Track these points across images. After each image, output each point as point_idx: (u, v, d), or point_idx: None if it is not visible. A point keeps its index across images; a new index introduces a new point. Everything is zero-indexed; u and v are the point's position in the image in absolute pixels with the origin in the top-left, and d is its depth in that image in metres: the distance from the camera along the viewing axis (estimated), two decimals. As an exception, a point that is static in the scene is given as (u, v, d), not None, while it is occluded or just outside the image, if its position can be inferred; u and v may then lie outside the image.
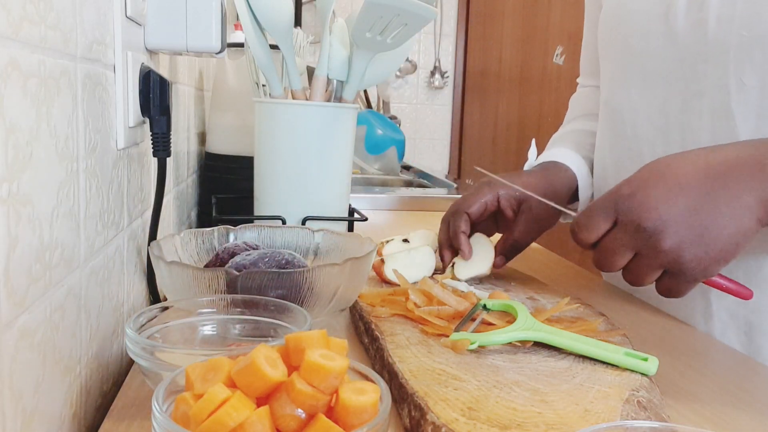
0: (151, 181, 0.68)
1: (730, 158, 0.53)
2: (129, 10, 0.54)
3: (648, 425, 0.36)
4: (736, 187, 0.52)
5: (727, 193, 0.52)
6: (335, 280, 0.54)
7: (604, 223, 0.56)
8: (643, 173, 0.55)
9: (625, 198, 0.54)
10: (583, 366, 0.51)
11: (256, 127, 0.81)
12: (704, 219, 0.52)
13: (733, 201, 0.52)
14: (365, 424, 0.31)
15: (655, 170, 0.55)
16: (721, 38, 0.62)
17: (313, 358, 0.32)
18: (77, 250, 0.44)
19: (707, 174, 0.53)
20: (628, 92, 0.74)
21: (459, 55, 3.04)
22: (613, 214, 0.55)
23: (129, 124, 0.56)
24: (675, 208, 0.53)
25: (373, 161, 1.89)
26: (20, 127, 0.34)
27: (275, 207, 0.80)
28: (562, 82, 2.13)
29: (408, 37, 0.74)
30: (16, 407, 0.34)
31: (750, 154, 0.53)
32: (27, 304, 0.35)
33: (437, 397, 0.44)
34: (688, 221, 0.52)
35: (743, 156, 0.53)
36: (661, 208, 0.53)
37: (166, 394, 0.34)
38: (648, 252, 0.54)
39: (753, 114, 0.61)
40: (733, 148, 0.55)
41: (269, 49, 0.77)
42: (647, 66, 0.71)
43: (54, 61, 0.39)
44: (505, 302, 0.59)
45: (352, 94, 0.80)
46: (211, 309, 0.51)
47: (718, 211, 0.52)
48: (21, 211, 0.34)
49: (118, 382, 0.55)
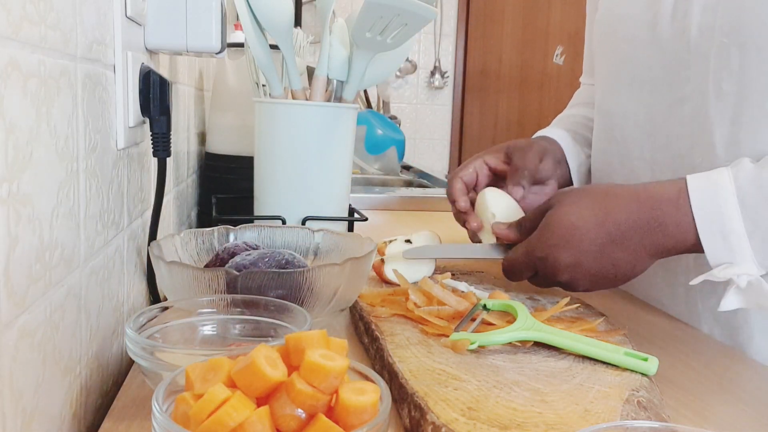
0: (151, 181, 0.68)
1: (629, 220, 0.60)
2: (129, 10, 0.54)
3: (648, 425, 0.36)
4: (633, 248, 0.60)
5: (624, 254, 0.61)
6: (335, 280, 0.54)
7: (528, 273, 0.66)
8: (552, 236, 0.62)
9: (541, 260, 0.63)
10: (583, 366, 0.51)
11: (256, 127, 0.81)
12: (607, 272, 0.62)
13: (629, 257, 0.61)
14: (365, 424, 0.31)
15: (562, 234, 0.62)
16: (702, 45, 0.63)
17: (313, 358, 0.32)
18: (77, 250, 0.44)
19: (608, 238, 0.61)
20: (618, 96, 0.75)
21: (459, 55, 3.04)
22: (533, 268, 0.65)
23: (129, 124, 0.56)
24: (581, 270, 0.62)
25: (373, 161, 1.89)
26: (20, 127, 0.34)
27: (275, 207, 0.80)
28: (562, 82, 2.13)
29: (408, 37, 0.74)
30: (16, 407, 0.34)
31: (647, 218, 0.59)
32: (27, 304, 0.35)
33: (437, 397, 0.44)
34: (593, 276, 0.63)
35: (642, 219, 0.60)
36: (570, 270, 0.62)
37: (166, 394, 0.34)
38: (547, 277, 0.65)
39: (728, 121, 0.62)
40: (635, 206, 0.60)
41: (269, 49, 0.77)
42: (635, 71, 0.72)
43: (54, 61, 0.39)
44: (505, 302, 0.59)
45: (352, 94, 0.80)
46: (211, 309, 0.51)
47: (618, 266, 0.62)
48: (21, 211, 0.34)
49: (118, 382, 0.55)
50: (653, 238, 0.59)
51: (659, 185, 0.61)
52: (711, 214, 0.57)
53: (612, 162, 0.78)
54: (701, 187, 0.58)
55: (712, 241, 0.57)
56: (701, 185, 0.58)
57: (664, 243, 0.59)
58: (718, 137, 0.63)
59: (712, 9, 0.62)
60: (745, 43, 0.59)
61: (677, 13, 0.65)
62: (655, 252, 0.60)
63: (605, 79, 0.79)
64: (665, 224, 0.59)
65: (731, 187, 0.56)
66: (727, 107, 0.62)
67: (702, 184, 0.58)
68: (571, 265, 0.62)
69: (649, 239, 0.60)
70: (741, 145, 0.61)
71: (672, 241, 0.59)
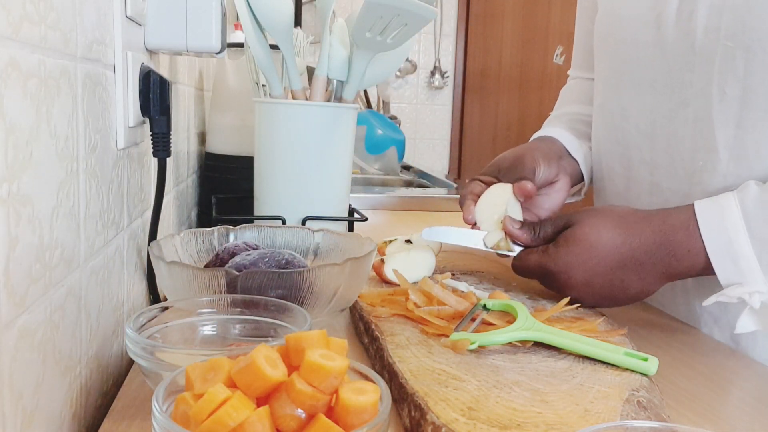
0: (151, 181, 0.68)
1: (644, 246, 0.62)
2: (129, 10, 0.54)
3: (648, 425, 0.36)
4: (645, 272, 0.62)
5: (636, 277, 0.63)
6: (335, 280, 0.54)
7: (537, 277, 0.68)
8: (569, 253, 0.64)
9: (554, 273, 0.65)
10: (583, 366, 0.51)
11: (256, 127, 0.81)
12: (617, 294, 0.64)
13: (641, 280, 0.63)
14: (365, 424, 0.31)
15: (579, 253, 0.63)
16: (707, 48, 0.63)
17: (313, 358, 0.32)
18: (77, 250, 0.44)
19: (622, 262, 0.62)
20: (620, 98, 0.75)
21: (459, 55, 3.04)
22: (541, 278, 0.67)
23: (129, 124, 0.56)
24: (591, 290, 0.64)
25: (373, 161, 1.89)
26: (20, 127, 0.34)
27: (275, 207, 0.80)
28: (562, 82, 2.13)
29: (408, 37, 0.74)
30: (16, 407, 0.34)
31: (660, 243, 0.61)
32: (27, 304, 0.35)
33: (437, 397, 0.44)
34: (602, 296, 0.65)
35: (655, 244, 0.61)
36: (580, 288, 0.64)
37: (166, 394, 0.34)
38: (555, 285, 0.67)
39: (732, 124, 0.62)
40: (649, 231, 0.62)
41: (269, 49, 0.77)
42: (637, 73, 0.71)
43: (54, 61, 0.39)
44: (505, 302, 0.59)
45: (352, 94, 0.80)
46: (211, 309, 0.51)
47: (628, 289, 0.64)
48: (21, 211, 0.34)
49: (118, 382, 0.55)
50: (665, 262, 0.61)
51: (670, 211, 0.63)
52: (720, 238, 0.58)
53: (611, 163, 0.77)
54: (709, 212, 0.59)
55: (723, 265, 0.58)
56: (709, 210, 0.59)
57: (677, 267, 0.61)
58: (721, 141, 0.62)
59: (718, 11, 0.61)
60: (751, 47, 0.59)
61: (682, 15, 0.65)
62: (667, 276, 0.62)
63: (606, 80, 0.78)
64: (677, 250, 0.60)
65: (738, 211, 0.58)
66: (730, 110, 0.62)
67: (709, 208, 0.60)
68: (583, 283, 0.64)
69: (661, 264, 0.61)
70: (744, 149, 0.61)
71: (683, 265, 0.61)
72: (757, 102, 0.60)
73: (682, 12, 0.65)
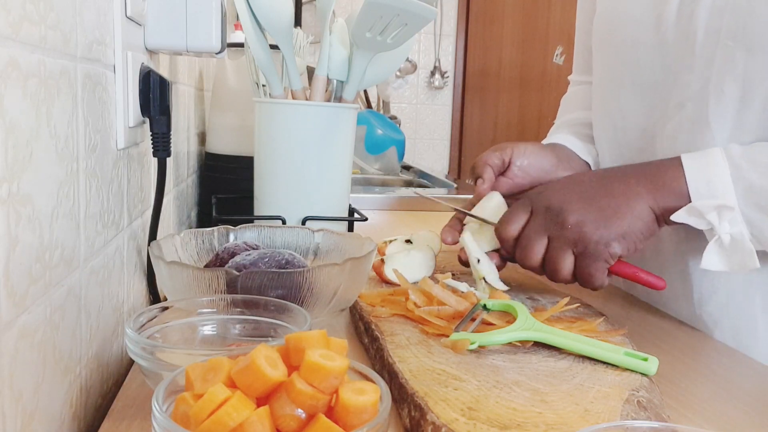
0: (151, 181, 0.68)
1: (625, 168, 0.66)
2: (129, 10, 0.54)
3: (648, 425, 0.36)
4: (628, 182, 0.63)
5: (620, 185, 0.64)
6: (335, 280, 0.54)
7: (523, 214, 0.66)
8: (550, 186, 0.67)
9: (537, 193, 0.67)
10: (583, 366, 0.51)
11: (256, 127, 0.81)
12: (600, 201, 0.63)
13: (625, 189, 0.63)
14: (365, 424, 0.31)
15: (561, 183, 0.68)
16: (707, 49, 0.63)
17: (313, 358, 0.32)
18: (77, 250, 0.44)
19: (603, 175, 0.66)
20: (618, 98, 0.74)
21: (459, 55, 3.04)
22: (529, 205, 0.66)
23: (129, 124, 0.56)
24: (576, 194, 0.64)
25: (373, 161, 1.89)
26: (20, 127, 0.34)
27: (275, 207, 0.80)
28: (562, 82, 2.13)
29: (408, 37, 0.74)
30: (16, 407, 0.34)
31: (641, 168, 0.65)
32: (27, 304, 0.35)
33: (437, 397, 0.44)
34: (588, 202, 0.63)
35: (636, 167, 0.65)
36: (565, 193, 0.65)
37: (166, 394, 0.34)
38: (556, 232, 0.63)
39: (729, 124, 0.62)
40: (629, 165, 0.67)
41: (269, 49, 0.77)
42: (636, 73, 0.71)
43: (54, 61, 0.39)
44: (505, 302, 0.59)
45: (352, 94, 0.80)
46: (211, 309, 0.51)
47: (612, 195, 0.63)
48: (21, 211, 0.34)
49: (118, 382, 0.55)
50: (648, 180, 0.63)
51: None
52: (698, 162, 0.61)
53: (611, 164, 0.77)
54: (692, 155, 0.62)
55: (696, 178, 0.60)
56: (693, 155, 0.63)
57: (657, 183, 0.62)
58: (719, 141, 0.62)
59: (719, 12, 0.61)
60: (752, 47, 0.59)
61: (682, 16, 0.65)
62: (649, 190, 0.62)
63: (604, 81, 0.78)
64: (658, 173, 0.63)
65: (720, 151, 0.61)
66: (727, 110, 0.62)
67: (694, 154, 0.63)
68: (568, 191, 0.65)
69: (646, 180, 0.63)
70: None
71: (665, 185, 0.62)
72: (756, 102, 0.60)
73: (683, 12, 0.65)
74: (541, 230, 0.64)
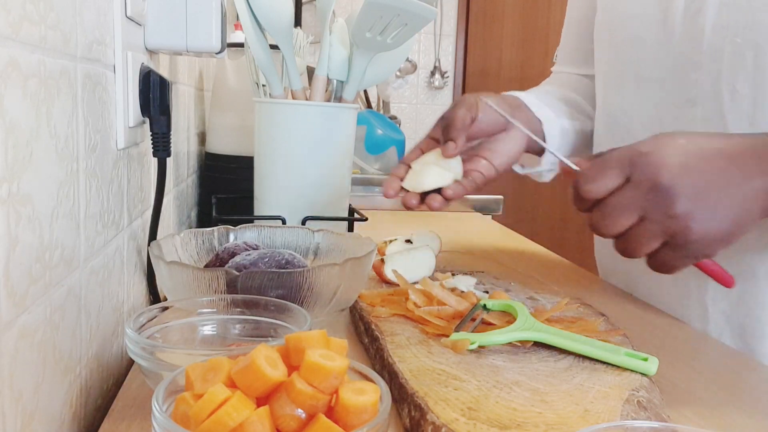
0: (151, 181, 0.68)
1: (745, 143, 0.53)
2: (129, 10, 0.54)
3: (648, 425, 0.36)
4: (749, 170, 0.52)
5: (740, 173, 0.52)
6: (335, 280, 0.54)
7: (617, 178, 0.53)
8: (661, 137, 0.53)
9: (643, 155, 0.52)
10: (583, 366, 0.51)
11: (256, 127, 0.81)
12: (716, 194, 0.51)
13: (743, 184, 0.51)
14: (365, 424, 0.31)
15: (673, 137, 0.53)
16: (715, 46, 0.62)
17: (313, 358, 0.32)
18: (77, 250, 0.44)
19: (723, 153, 0.52)
20: (623, 96, 0.74)
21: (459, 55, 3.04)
22: (628, 169, 0.52)
23: (129, 124, 0.56)
24: (692, 176, 0.51)
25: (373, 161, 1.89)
26: (20, 127, 0.34)
27: (275, 207, 0.80)
28: (562, 82, 2.13)
29: (408, 37, 0.74)
30: (16, 407, 0.34)
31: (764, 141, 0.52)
32: (27, 304, 0.35)
33: (437, 397, 0.44)
34: (703, 192, 0.51)
35: (758, 143, 0.52)
36: (681, 170, 0.51)
37: (166, 394, 0.34)
38: (656, 216, 0.52)
39: (746, 122, 0.61)
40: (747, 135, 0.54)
41: (269, 49, 0.77)
42: (642, 71, 0.71)
43: (54, 61, 0.39)
44: (505, 302, 0.59)
45: (352, 94, 0.80)
46: (211, 309, 0.51)
47: (728, 190, 0.52)
48: (21, 211, 0.34)
49: (118, 382, 0.55)
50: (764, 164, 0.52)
51: None
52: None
53: None
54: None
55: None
56: None
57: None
58: None
59: (727, 8, 0.61)
60: (761, 43, 0.58)
61: (689, 12, 0.64)
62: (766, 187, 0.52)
63: (608, 79, 0.78)
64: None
65: None
66: (743, 108, 0.61)
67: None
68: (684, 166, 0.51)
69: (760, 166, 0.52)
70: None
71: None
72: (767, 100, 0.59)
73: (690, 9, 0.64)
74: (637, 206, 0.52)
